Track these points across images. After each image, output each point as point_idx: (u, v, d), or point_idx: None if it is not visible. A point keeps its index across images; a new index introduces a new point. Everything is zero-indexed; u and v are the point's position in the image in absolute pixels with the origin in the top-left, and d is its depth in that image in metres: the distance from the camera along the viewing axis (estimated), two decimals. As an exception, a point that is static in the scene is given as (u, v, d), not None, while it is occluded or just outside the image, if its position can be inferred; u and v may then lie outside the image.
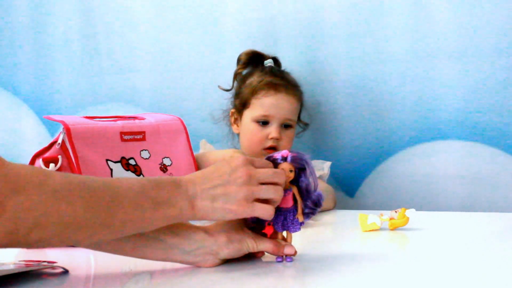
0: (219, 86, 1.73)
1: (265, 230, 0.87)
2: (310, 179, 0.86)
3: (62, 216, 0.71)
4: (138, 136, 1.25)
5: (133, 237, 0.82)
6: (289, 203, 0.86)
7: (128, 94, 1.94)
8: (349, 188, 1.72)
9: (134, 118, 1.30)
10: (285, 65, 1.73)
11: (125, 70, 1.94)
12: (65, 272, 0.84)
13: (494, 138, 1.59)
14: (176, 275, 0.83)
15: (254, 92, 1.61)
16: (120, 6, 1.94)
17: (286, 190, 0.85)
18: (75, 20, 1.98)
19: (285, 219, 0.86)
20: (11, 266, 0.82)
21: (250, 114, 1.61)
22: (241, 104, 1.64)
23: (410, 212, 1.12)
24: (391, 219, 1.12)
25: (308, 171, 0.86)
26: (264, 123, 1.59)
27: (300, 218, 0.86)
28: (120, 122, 1.23)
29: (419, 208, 1.20)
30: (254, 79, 1.63)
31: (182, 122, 1.37)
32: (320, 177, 1.56)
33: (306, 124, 1.70)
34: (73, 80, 2.00)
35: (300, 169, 0.86)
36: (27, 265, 0.83)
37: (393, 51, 1.67)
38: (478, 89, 1.60)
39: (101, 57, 1.96)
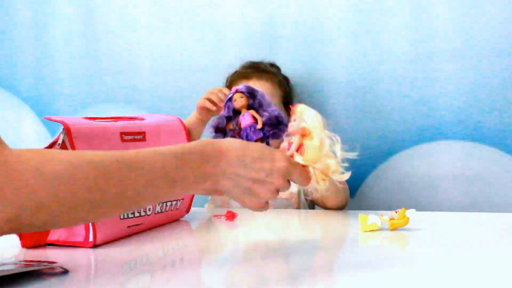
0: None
1: None
2: (262, 100, 1.17)
3: (65, 198, 0.71)
4: (138, 136, 1.25)
5: None
6: (248, 121, 1.15)
7: (128, 94, 1.94)
8: (349, 188, 1.72)
9: (134, 118, 1.30)
10: (285, 65, 1.73)
11: (125, 70, 1.93)
12: (65, 272, 0.84)
13: (494, 138, 1.59)
14: (176, 275, 0.83)
15: (230, 87, 1.62)
16: (120, 7, 1.94)
17: (244, 114, 1.16)
18: (75, 21, 1.98)
19: (247, 135, 1.14)
20: (11, 266, 0.82)
21: None
22: None
23: (410, 212, 1.12)
24: (391, 219, 1.12)
25: (258, 95, 1.17)
26: None
27: (259, 125, 1.16)
28: (120, 123, 1.23)
29: (419, 208, 1.20)
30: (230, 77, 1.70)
31: (182, 122, 1.37)
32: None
33: None
34: (73, 80, 1.99)
35: (252, 94, 1.17)
36: (27, 265, 0.83)
37: (393, 51, 1.67)
38: (478, 89, 1.60)
39: (101, 58, 1.96)
